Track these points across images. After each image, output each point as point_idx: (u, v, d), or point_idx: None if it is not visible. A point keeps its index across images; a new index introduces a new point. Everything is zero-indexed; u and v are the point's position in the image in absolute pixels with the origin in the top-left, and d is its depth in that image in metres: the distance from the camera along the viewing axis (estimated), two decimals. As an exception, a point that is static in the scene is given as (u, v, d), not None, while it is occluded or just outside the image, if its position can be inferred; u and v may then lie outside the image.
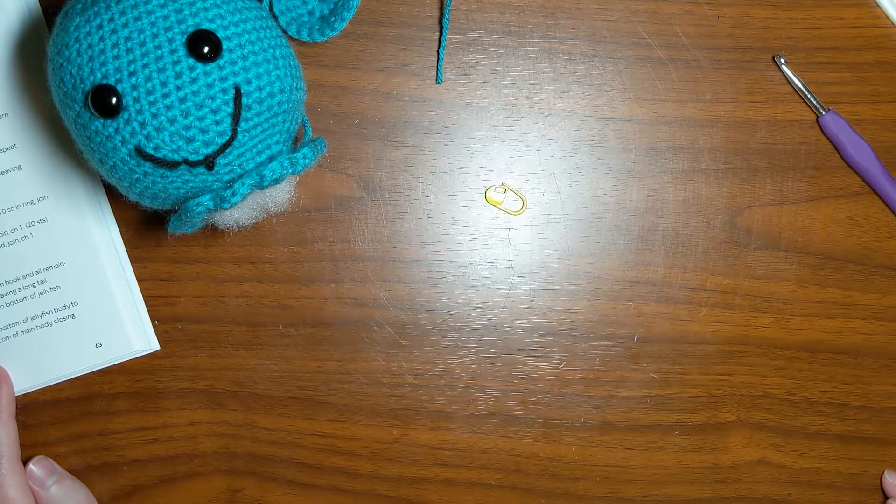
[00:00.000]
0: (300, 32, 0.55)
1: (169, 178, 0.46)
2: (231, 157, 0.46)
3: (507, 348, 0.59)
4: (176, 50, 0.44)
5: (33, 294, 0.57)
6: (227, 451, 0.59)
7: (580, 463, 0.60)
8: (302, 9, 0.55)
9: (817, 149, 0.59)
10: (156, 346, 0.58)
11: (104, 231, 0.57)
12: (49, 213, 0.57)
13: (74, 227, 0.57)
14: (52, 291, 0.57)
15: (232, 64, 0.45)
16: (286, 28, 0.55)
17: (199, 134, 0.45)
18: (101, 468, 0.59)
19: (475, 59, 0.58)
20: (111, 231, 0.57)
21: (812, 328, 0.59)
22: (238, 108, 0.45)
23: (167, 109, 0.44)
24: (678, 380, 0.59)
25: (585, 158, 0.59)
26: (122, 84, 0.44)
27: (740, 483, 0.60)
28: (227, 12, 0.46)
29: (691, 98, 0.58)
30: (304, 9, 0.55)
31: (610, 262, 0.59)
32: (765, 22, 0.58)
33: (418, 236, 0.58)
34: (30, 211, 0.56)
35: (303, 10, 0.55)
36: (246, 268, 0.58)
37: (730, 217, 0.59)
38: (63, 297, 0.57)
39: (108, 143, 0.45)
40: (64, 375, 0.58)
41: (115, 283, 0.57)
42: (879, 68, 0.58)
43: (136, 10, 0.45)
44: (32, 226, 0.57)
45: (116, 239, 0.58)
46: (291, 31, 0.55)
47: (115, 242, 0.57)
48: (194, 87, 0.44)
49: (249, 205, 0.48)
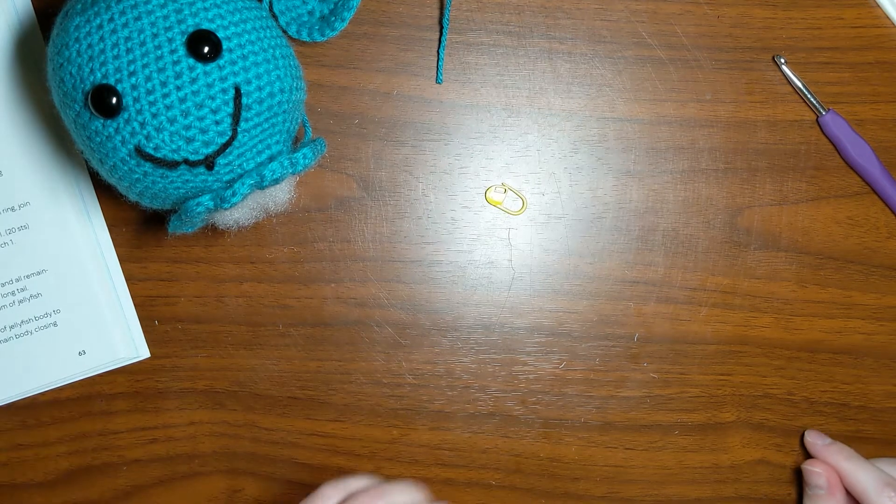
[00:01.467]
0: (300, 32, 0.55)
1: (169, 178, 0.46)
2: (231, 157, 0.46)
3: (507, 348, 0.59)
4: (176, 50, 0.44)
5: (13, 302, 0.56)
6: (227, 451, 0.59)
7: (580, 463, 0.60)
8: (302, 9, 0.55)
9: (817, 149, 0.59)
10: (145, 354, 0.58)
11: (90, 237, 0.57)
12: (31, 219, 0.56)
13: (58, 234, 0.56)
14: (32, 299, 0.56)
15: (232, 64, 0.45)
16: (286, 28, 0.55)
17: (199, 134, 0.45)
18: (101, 468, 0.59)
19: (475, 59, 0.58)
20: (98, 237, 0.57)
21: (812, 328, 0.59)
22: (238, 108, 0.45)
23: (167, 109, 0.44)
24: (678, 380, 0.59)
25: (585, 158, 0.59)
26: (122, 84, 0.44)
27: (740, 483, 0.60)
28: (227, 12, 0.46)
29: (691, 98, 0.58)
30: (303, 9, 0.55)
31: (610, 262, 0.59)
32: (765, 22, 0.58)
33: (418, 236, 0.58)
34: (10, 217, 0.56)
35: (303, 10, 0.55)
36: (246, 268, 0.58)
37: (730, 217, 0.59)
38: (44, 304, 0.57)
39: (108, 143, 0.45)
40: (46, 384, 0.57)
41: (101, 289, 0.57)
42: (879, 68, 0.58)
43: (136, 10, 0.45)
44: (13, 232, 0.56)
45: (105, 244, 0.57)
46: (291, 31, 0.55)
47: (103, 248, 0.57)
48: (194, 87, 0.44)
49: (250, 205, 0.48)
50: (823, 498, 0.56)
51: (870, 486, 0.55)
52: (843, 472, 0.56)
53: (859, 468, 0.56)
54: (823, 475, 0.57)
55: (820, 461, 0.57)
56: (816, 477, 0.57)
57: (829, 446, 0.58)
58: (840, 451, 0.57)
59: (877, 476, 0.55)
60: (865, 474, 0.55)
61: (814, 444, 0.58)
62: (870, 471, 0.55)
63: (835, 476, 0.57)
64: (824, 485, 0.56)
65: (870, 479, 0.55)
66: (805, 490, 0.58)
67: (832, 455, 0.57)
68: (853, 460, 0.56)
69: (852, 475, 0.56)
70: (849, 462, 0.56)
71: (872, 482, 0.55)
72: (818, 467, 0.57)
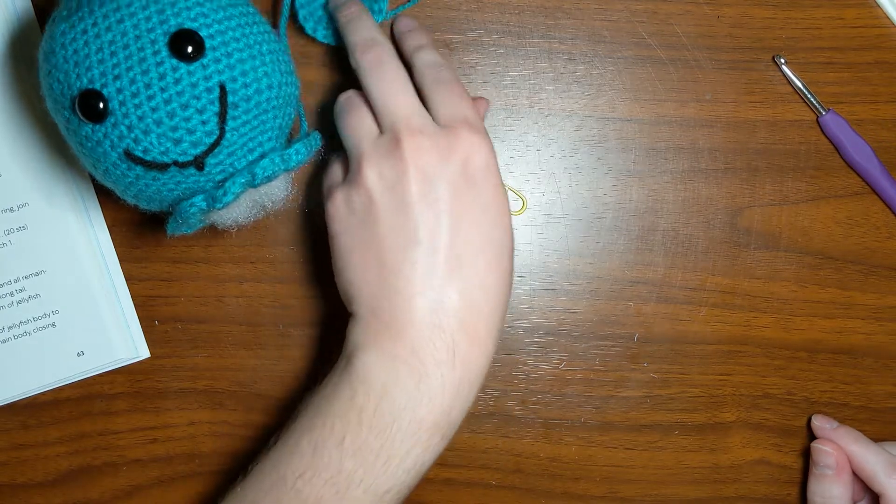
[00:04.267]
0: (316, 31, 0.54)
1: (160, 180, 0.46)
2: (221, 157, 0.46)
3: (507, 348, 0.59)
4: (159, 51, 0.44)
5: (11, 303, 0.56)
6: (227, 451, 0.59)
7: (580, 463, 0.60)
8: (318, 1, 0.55)
9: (817, 149, 0.59)
10: (144, 354, 0.58)
11: (89, 238, 0.57)
12: (29, 220, 0.56)
13: (56, 235, 0.56)
14: (31, 300, 0.56)
15: (216, 62, 0.45)
16: (303, 23, 0.54)
17: (186, 135, 0.45)
18: (101, 468, 0.59)
19: (475, 59, 0.58)
20: (98, 238, 0.57)
21: (812, 328, 0.59)
22: (224, 107, 0.45)
23: (153, 112, 0.44)
24: (678, 380, 0.59)
25: (585, 158, 0.59)
26: (107, 88, 0.44)
27: (740, 483, 0.60)
28: (210, 10, 0.46)
29: (691, 98, 0.58)
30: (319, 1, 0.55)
31: (610, 262, 0.59)
32: (765, 22, 0.58)
33: (418, 236, 0.58)
34: (9, 218, 0.56)
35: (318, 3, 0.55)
36: (246, 268, 0.58)
37: (730, 217, 0.59)
38: (43, 305, 0.57)
39: (99, 148, 0.45)
40: (45, 385, 0.57)
41: (100, 290, 0.57)
42: (879, 68, 0.58)
43: (118, 13, 0.44)
44: (11, 233, 0.56)
45: (105, 245, 0.57)
46: (308, 27, 0.54)
47: (103, 249, 0.57)
48: (178, 88, 0.44)
49: (246, 203, 0.48)
50: (831, 479, 0.56)
51: (879, 468, 0.55)
52: (852, 455, 0.56)
53: (868, 451, 0.56)
54: (833, 455, 0.56)
55: (830, 441, 0.57)
56: (826, 456, 0.57)
57: (837, 430, 0.58)
58: (848, 434, 0.57)
59: (885, 459, 0.55)
60: (874, 457, 0.56)
61: (821, 428, 0.58)
62: (879, 454, 0.56)
63: (844, 458, 0.56)
64: (833, 465, 0.56)
65: (879, 462, 0.55)
66: (812, 469, 0.58)
67: (840, 438, 0.57)
68: (861, 443, 0.56)
69: (861, 458, 0.56)
70: (857, 445, 0.56)
71: (882, 465, 0.55)
72: (828, 447, 0.57)
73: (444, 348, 0.46)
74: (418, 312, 0.46)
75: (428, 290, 0.46)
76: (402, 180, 0.46)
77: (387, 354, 0.46)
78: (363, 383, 0.46)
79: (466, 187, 0.46)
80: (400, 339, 0.46)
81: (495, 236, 0.47)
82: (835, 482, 0.56)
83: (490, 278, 0.47)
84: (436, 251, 0.46)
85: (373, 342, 0.46)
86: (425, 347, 0.46)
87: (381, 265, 0.46)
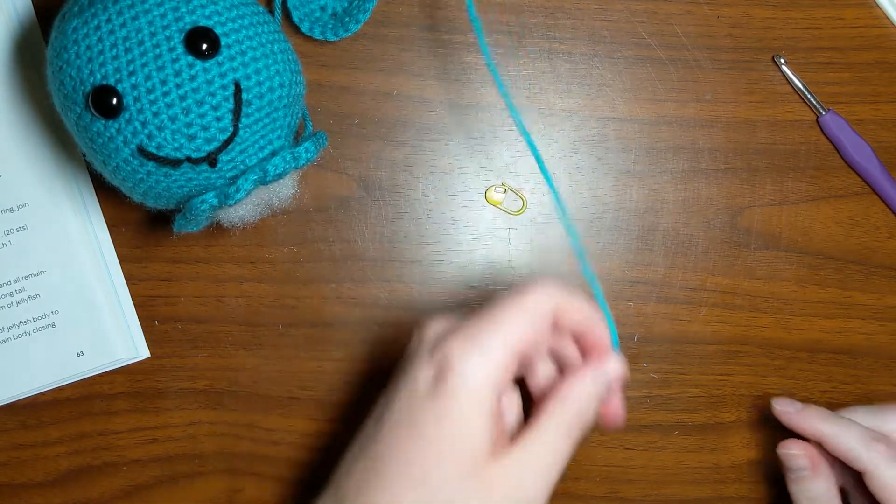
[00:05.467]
0: (312, 30, 0.55)
1: (172, 176, 0.46)
2: (234, 154, 0.46)
3: (507, 348, 0.59)
4: (174, 48, 0.44)
5: (10, 303, 0.56)
6: (227, 451, 0.59)
7: (580, 463, 0.60)
8: (315, 3, 0.55)
9: (817, 149, 0.59)
10: (145, 354, 0.58)
11: (89, 237, 0.57)
12: (29, 220, 0.56)
13: (56, 235, 0.56)
14: (30, 300, 0.56)
15: (231, 60, 0.45)
16: (299, 24, 0.55)
17: (200, 131, 0.45)
18: (101, 468, 0.59)
19: (475, 59, 0.58)
20: (98, 238, 0.57)
21: (812, 328, 0.59)
22: (239, 104, 0.45)
23: (168, 108, 0.44)
24: (678, 380, 0.59)
25: (585, 158, 0.59)
26: (121, 84, 0.44)
27: (740, 483, 0.60)
28: (224, 8, 0.46)
29: (691, 98, 0.58)
30: (317, 3, 0.55)
31: (610, 262, 0.59)
32: (765, 22, 0.58)
33: (418, 236, 0.58)
34: (9, 218, 0.56)
35: (316, 6, 0.55)
36: (246, 268, 0.58)
37: (730, 217, 0.59)
38: (42, 305, 0.57)
39: (111, 144, 0.45)
40: (44, 385, 0.57)
41: (100, 290, 0.57)
42: (879, 68, 0.58)
43: (133, 10, 0.45)
44: (11, 234, 0.56)
45: (105, 245, 0.57)
46: (304, 27, 0.55)
47: (103, 249, 0.57)
48: (194, 85, 0.44)
49: (253, 201, 0.48)
50: (809, 479, 0.53)
51: (857, 446, 0.51)
52: (825, 437, 0.52)
53: (840, 428, 0.51)
54: (804, 455, 0.53)
55: (795, 441, 0.53)
56: (797, 459, 0.53)
57: (802, 412, 0.53)
58: (816, 415, 0.52)
59: (859, 432, 0.51)
60: (849, 434, 0.51)
61: (785, 413, 0.53)
62: (851, 428, 0.51)
63: (814, 450, 0.53)
64: (806, 465, 0.52)
65: (854, 437, 0.51)
66: (787, 475, 0.54)
67: (808, 421, 0.52)
68: (831, 422, 0.52)
69: (835, 439, 0.51)
70: (827, 425, 0.52)
71: (857, 439, 0.51)
72: (795, 448, 0.53)
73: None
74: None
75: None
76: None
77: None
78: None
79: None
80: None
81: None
82: (814, 479, 0.52)
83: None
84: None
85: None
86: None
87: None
